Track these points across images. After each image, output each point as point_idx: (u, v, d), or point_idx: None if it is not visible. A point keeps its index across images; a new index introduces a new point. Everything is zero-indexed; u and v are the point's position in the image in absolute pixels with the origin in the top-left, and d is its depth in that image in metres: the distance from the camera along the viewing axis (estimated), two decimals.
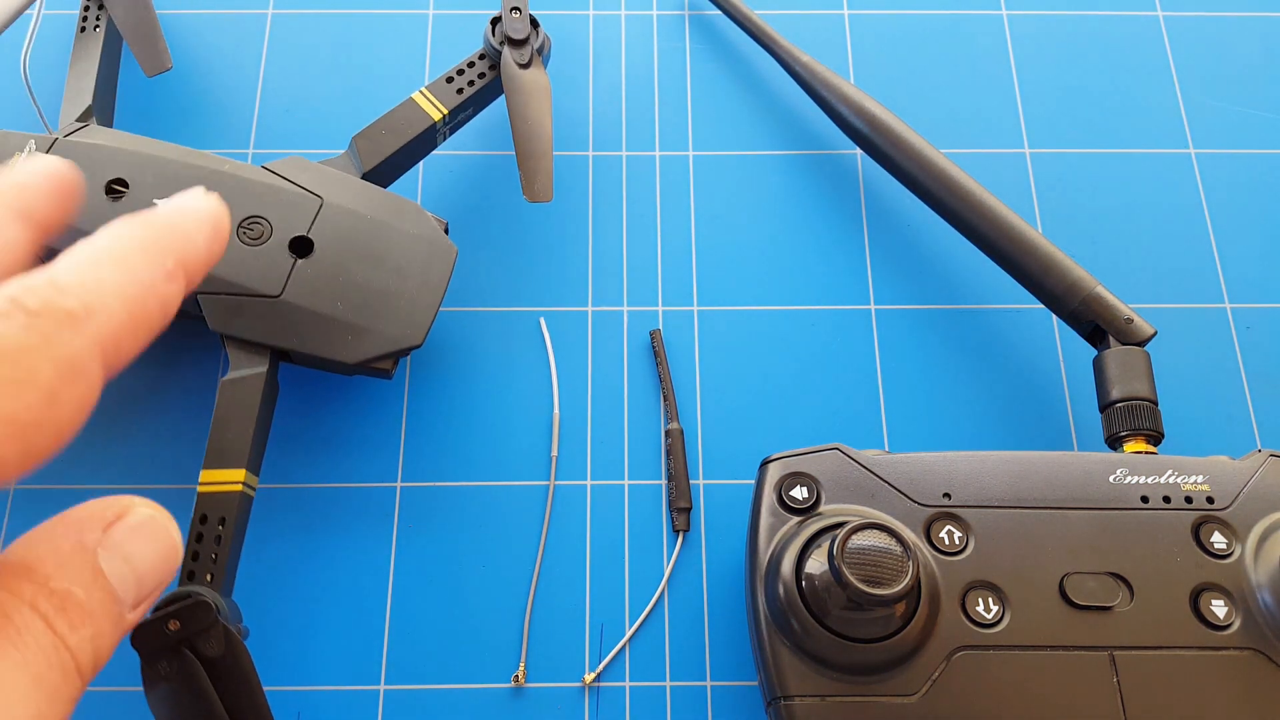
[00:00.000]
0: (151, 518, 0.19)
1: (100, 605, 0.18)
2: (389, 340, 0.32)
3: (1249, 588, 0.28)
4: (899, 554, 0.26)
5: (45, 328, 0.17)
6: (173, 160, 0.32)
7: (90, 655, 0.18)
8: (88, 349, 0.17)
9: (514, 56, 0.37)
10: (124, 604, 0.18)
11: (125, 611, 0.18)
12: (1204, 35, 0.44)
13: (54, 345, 0.17)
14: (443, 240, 0.33)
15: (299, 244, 0.32)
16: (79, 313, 0.17)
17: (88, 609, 0.18)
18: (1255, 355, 0.37)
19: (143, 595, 0.19)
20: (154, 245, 0.20)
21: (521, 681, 0.32)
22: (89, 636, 0.18)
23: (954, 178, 0.35)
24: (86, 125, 0.34)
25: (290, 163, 0.34)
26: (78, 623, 0.17)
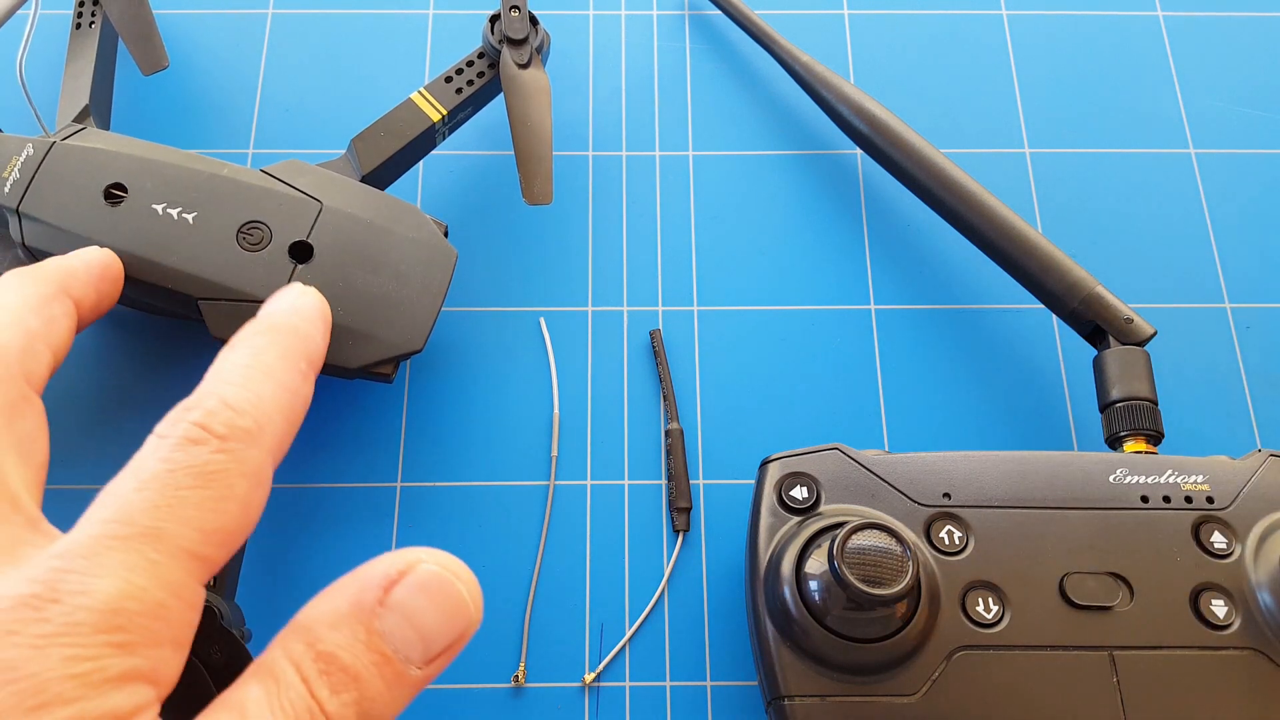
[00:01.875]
0: (437, 574, 0.19)
1: (370, 667, 0.18)
2: (389, 346, 0.31)
3: (1249, 588, 0.28)
4: (899, 554, 0.26)
5: (235, 449, 0.19)
6: (171, 164, 0.32)
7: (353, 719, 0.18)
8: (265, 460, 0.20)
9: (513, 56, 0.37)
10: (406, 664, 0.19)
11: (408, 671, 0.19)
12: (1204, 35, 0.44)
13: (244, 463, 0.19)
14: (442, 244, 0.33)
15: (299, 249, 0.32)
16: (254, 430, 0.20)
17: (353, 672, 0.18)
18: (1255, 355, 0.37)
19: (431, 654, 0.19)
20: (291, 353, 0.23)
21: (521, 681, 0.32)
22: (351, 700, 0.18)
23: (954, 178, 0.35)
24: (83, 127, 0.34)
25: (289, 166, 0.34)
26: (339, 686, 0.18)
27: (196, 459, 0.19)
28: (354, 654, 0.18)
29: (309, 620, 0.19)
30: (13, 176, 0.31)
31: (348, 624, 0.18)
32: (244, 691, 0.18)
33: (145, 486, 0.18)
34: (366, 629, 0.18)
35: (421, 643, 0.19)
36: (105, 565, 0.17)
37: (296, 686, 0.18)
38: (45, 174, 0.31)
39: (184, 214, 0.31)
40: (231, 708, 0.18)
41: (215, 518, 0.19)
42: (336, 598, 0.19)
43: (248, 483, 0.19)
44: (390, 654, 0.19)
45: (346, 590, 0.19)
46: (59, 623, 0.16)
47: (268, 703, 0.17)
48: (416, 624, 0.19)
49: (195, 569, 0.18)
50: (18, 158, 0.32)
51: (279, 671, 0.18)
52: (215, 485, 0.19)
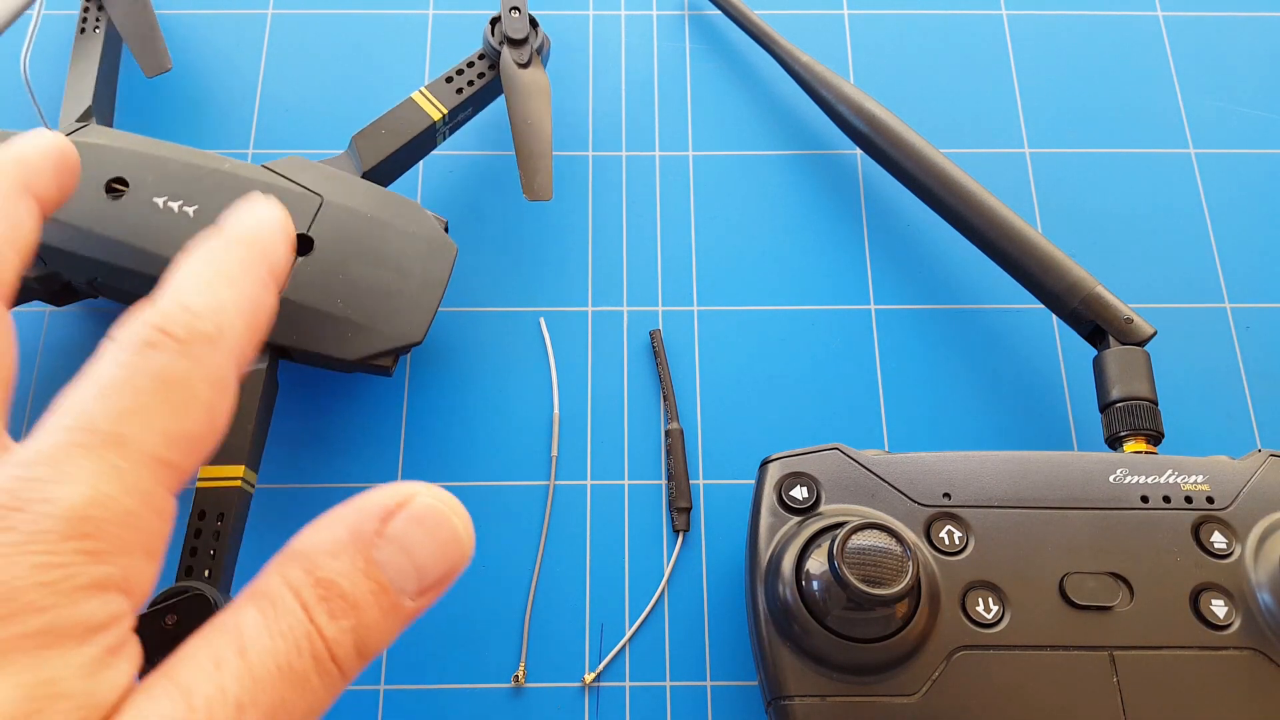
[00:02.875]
0: (433, 506, 0.19)
1: (368, 596, 0.18)
2: (389, 337, 0.32)
3: (1249, 588, 0.28)
4: (899, 554, 0.26)
5: (195, 352, 0.19)
6: (173, 159, 0.32)
7: (350, 646, 0.18)
8: (227, 364, 0.20)
9: (513, 56, 0.37)
10: (400, 594, 0.19)
11: (403, 601, 0.19)
12: (1204, 35, 0.44)
13: (205, 367, 0.19)
14: (442, 238, 0.33)
15: (299, 242, 0.32)
16: (215, 334, 0.19)
17: (352, 599, 0.18)
18: (1255, 355, 0.37)
19: (425, 585, 0.19)
20: (252, 262, 0.22)
21: (521, 681, 0.32)
22: (349, 628, 0.18)
23: (954, 178, 0.35)
24: (86, 125, 0.34)
25: (290, 162, 0.34)
26: (338, 613, 0.18)
27: (156, 363, 0.18)
28: (353, 581, 0.18)
29: (307, 547, 0.19)
30: None
31: (347, 552, 0.18)
32: (240, 615, 0.18)
33: (105, 393, 0.18)
34: (365, 558, 0.18)
35: (416, 573, 0.19)
36: (70, 473, 0.17)
37: (295, 611, 0.18)
38: None
39: (185, 207, 0.32)
40: (227, 631, 0.17)
41: (180, 423, 0.18)
42: (335, 526, 0.19)
43: (211, 387, 0.19)
44: (387, 583, 0.19)
45: (345, 519, 0.19)
46: (25, 530, 0.16)
47: (265, 626, 0.17)
48: (412, 555, 0.19)
49: (163, 475, 0.18)
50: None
51: (276, 596, 0.18)
52: (178, 390, 0.18)
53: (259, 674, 0.17)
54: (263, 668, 0.17)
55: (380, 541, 0.19)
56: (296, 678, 0.17)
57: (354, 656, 0.18)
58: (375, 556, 0.18)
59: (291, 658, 0.17)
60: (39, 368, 0.36)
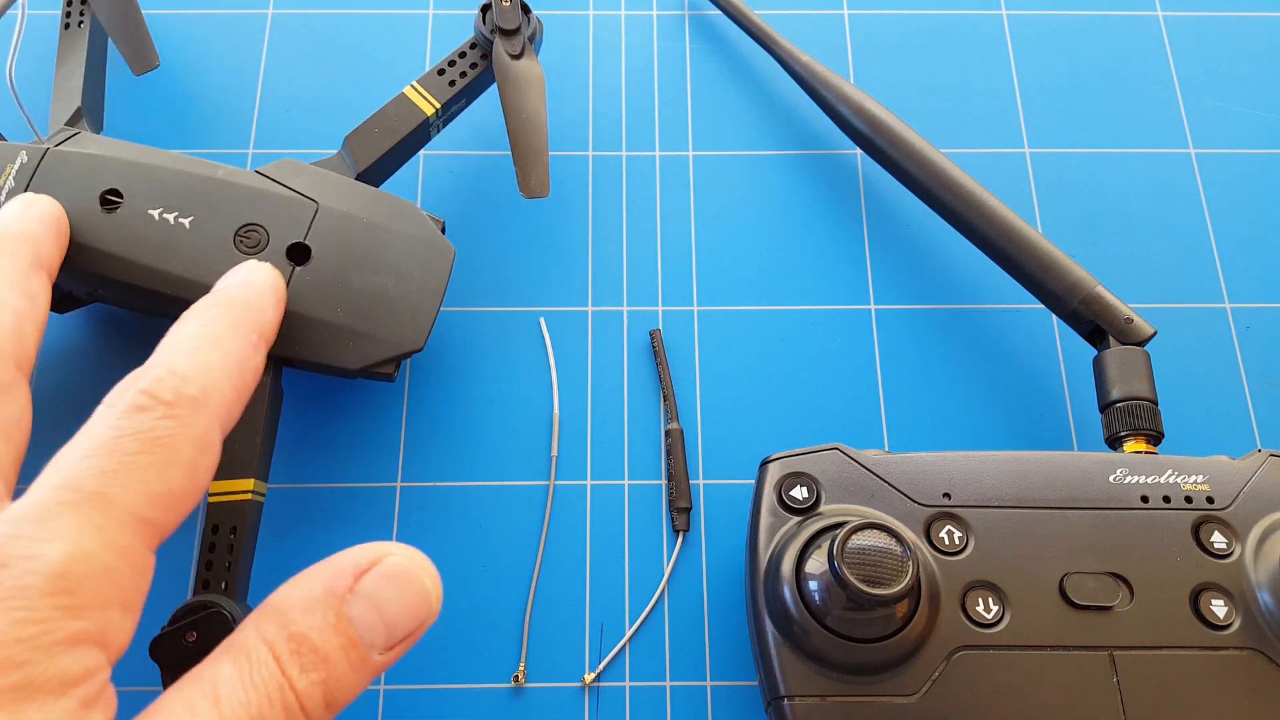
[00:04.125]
0: (404, 565, 0.20)
1: (338, 650, 0.19)
2: (390, 345, 0.31)
3: (1249, 588, 0.28)
4: (899, 554, 0.26)
5: (180, 414, 0.20)
6: (166, 168, 0.32)
7: (320, 699, 0.19)
8: (212, 426, 0.21)
9: (506, 47, 0.36)
10: (370, 649, 0.20)
11: (371, 656, 0.20)
12: (1204, 35, 0.44)
13: (190, 428, 0.20)
14: (440, 241, 0.33)
15: (296, 251, 0.32)
16: (201, 398, 0.20)
17: (323, 653, 0.19)
18: (1255, 355, 0.37)
19: (394, 640, 0.20)
20: (240, 324, 0.23)
21: (521, 681, 0.32)
22: (319, 680, 0.19)
23: (954, 178, 0.35)
24: (77, 132, 0.33)
25: (283, 166, 0.33)
26: (309, 666, 0.19)
27: (143, 425, 0.19)
28: (324, 636, 0.19)
29: (282, 603, 0.19)
30: (7, 185, 0.31)
31: (320, 608, 0.19)
32: (216, 668, 0.18)
33: (93, 453, 0.19)
34: (336, 613, 0.19)
35: (385, 629, 0.20)
36: (53, 530, 0.17)
37: (269, 664, 0.18)
38: (40, 182, 0.31)
39: (180, 219, 0.31)
40: (203, 683, 0.18)
41: (162, 482, 0.19)
42: (310, 583, 0.20)
43: (194, 448, 0.20)
44: (357, 638, 0.19)
45: (319, 577, 0.20)
46: (6, 586, 0.16)
47: (239, 679, 0.18)
48: (382, 611, 0.20)
49: (143, 533, 0.19)
50: (12, 166, 0.31)
51: (251, 650, 0.18)
52: (161, 450, 0.19)
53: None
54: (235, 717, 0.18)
55: (351, 598, 0.19)
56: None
57: (323, 708, 0.19)
58: (346, 612, 0.19)
59: (264, 709, 0.18)
60: (39, 368, 0.36)
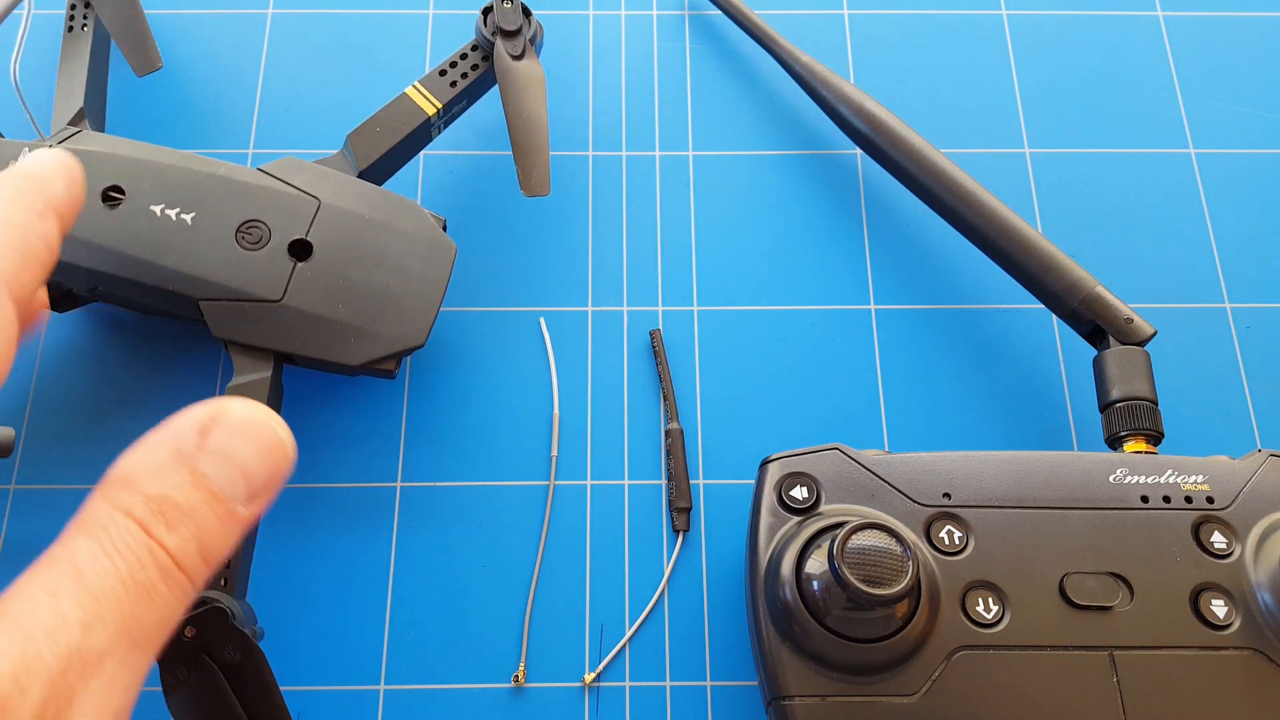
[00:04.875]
0: (248, 415, 0.19)
1: (202, 504, 0.18)
2: (391, 341, 0.32)
3: (1249, 588, 0.28)
4: (899, 554, 0.26)
5: None
6: (167, 165, 0.32)
7: (194, 553, 0.18)
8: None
9: (507, 48, 0.36)
10: (233, 500, 0.19)
11: (236, 507, 0.19)
12: (1204, 35, 0.44)
13: None
14: (441, 238, 0.33)
15: (298, 247, 0.32)
16: None
17: (186, 509, 0.18)
18: (1255, 355, 0.37)
19: (255, 489, 0.19)
20: (21, 192, 0.22)
21: (521, 681, 0.32)
22: (190, 536, 0.18)
23: (954, 178, 0.35)
24: (79, 130, 0.34)
25: (285, 164, 0.34)
26: (175, 523, 0.18)
27: None
28: (184, 494, 0.18)
29: (127, 473, 0.18)
30: None
31: (172, 470, 0.18)
32: (70, 546, 0.17)
33: None
34: (191, 472, 0.18)
35: (245, 480, 0.19)
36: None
37: (131, 529, 0.18)
38: None
39: (182, 215, 0.31)
40: (59, 562, 0.17)
41: None
42: (152, 450, 0.19)
43: None
44: (218, 491, 0.19)
45: (162, 442, 0.19)
46: None
47: (101, 548, 0.17)
48: (238, 463, 0.19)
49: None
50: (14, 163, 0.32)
51: (106, 520, 0.18)
52: None
53: (100, 593, 0.17)
54: (103, 585, 0.17)
55: (202, 455, 0.19)
56: (143, 590, 0.17)
57: (200, 563, 0.18)
58: (201, 469, 0.19)
59: (135, 571, 0.17)
60: (39, 368, 0.36)
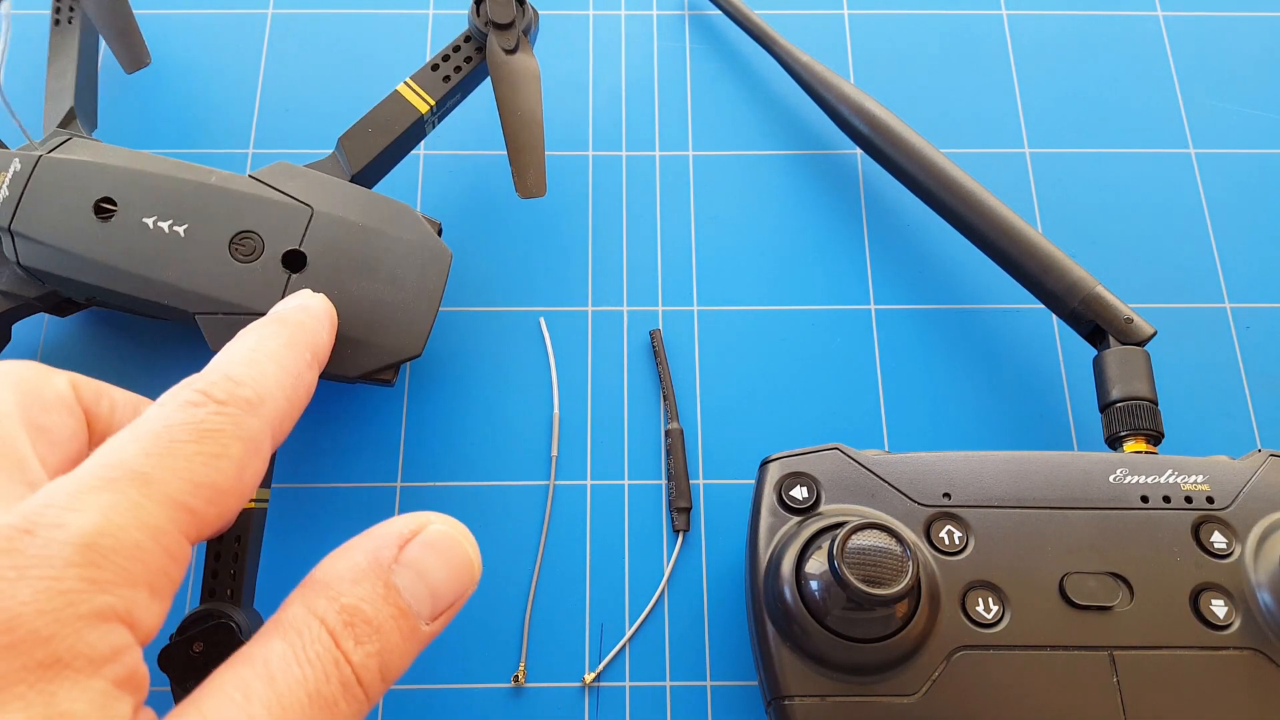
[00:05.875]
0: (446, 533, 0.20)
1: (390, 621, 0.19)
2: (387, 352, 0.31)
3: (1249, 588, 0.28)
4: (899, 554, 0.26)
5: (233, 413, 0.20)
6: (159, 174, 0.32)
7: (375, 670, 0.19)
8: (263, 430, 0.21)
9: (500, 42, 0.35)
10: (418, 618, 0.20)
11: (420, 625, 0.20)
12: (1204, 35, 0.44)
13: (240, 427, 0.20)
14: (437, 245, 0.33)
15: (292, 258, 0.31)
16: (254, 400, 0.21)
17: (375, 624, 0.19)
18: (1255, 355, 0.37)
19: (439, 609, 0.20)
20: (295, 342, 0.24)
21: (521, 681, 0.32)
22: (375, 652, 0.19)
23: (954, 178, 0.35)
24: (69, 137, 0.33)
25: (277, 169, 0.33)
26: (364, 638, 0.18)
27: (194, 417, 0.19)
28: (375, 607, 0.19)
29: (328, 577, 0.19)
30: (1, 194, 0.31)
31: (368, 579, 0.19)
32: (267, 646, 0.18)
33: (140, 438, 0.19)
34: (385, 584, 0.19)
35: (431, 598, 0.20)
36: (86, 502, 0.17)
37: (322, 638, 0.18)
38: (34, 190, 0.31)
39: (175, 227, 0.31)
40: (254, 662, 0.18)
41: (206, 472, 0.19)
42: (355, 554, 0.19)
43: (243, 446, 0.20)
44: (406, 607, 0.19)
45: (364, 548, 0.20)
46: (30, 554, 0.16)
47: (293, 655, 0.18)
48: (428, 580, 0.20)
49: (181, 519, 0.18)
50: (4, 174, 0.31)
51: (302, 625, 0.18)
52: (209, 442, 0.19)
53: (288, 702, 0.17)
54: (291, 695, 0.17)
55: (398, 568, 0.19)
56: (325, 704, 0.18)
57: (378, 680, 0.19)
58: (395, 582, 0.19)
59: (320, 684, 0.18)
60: None
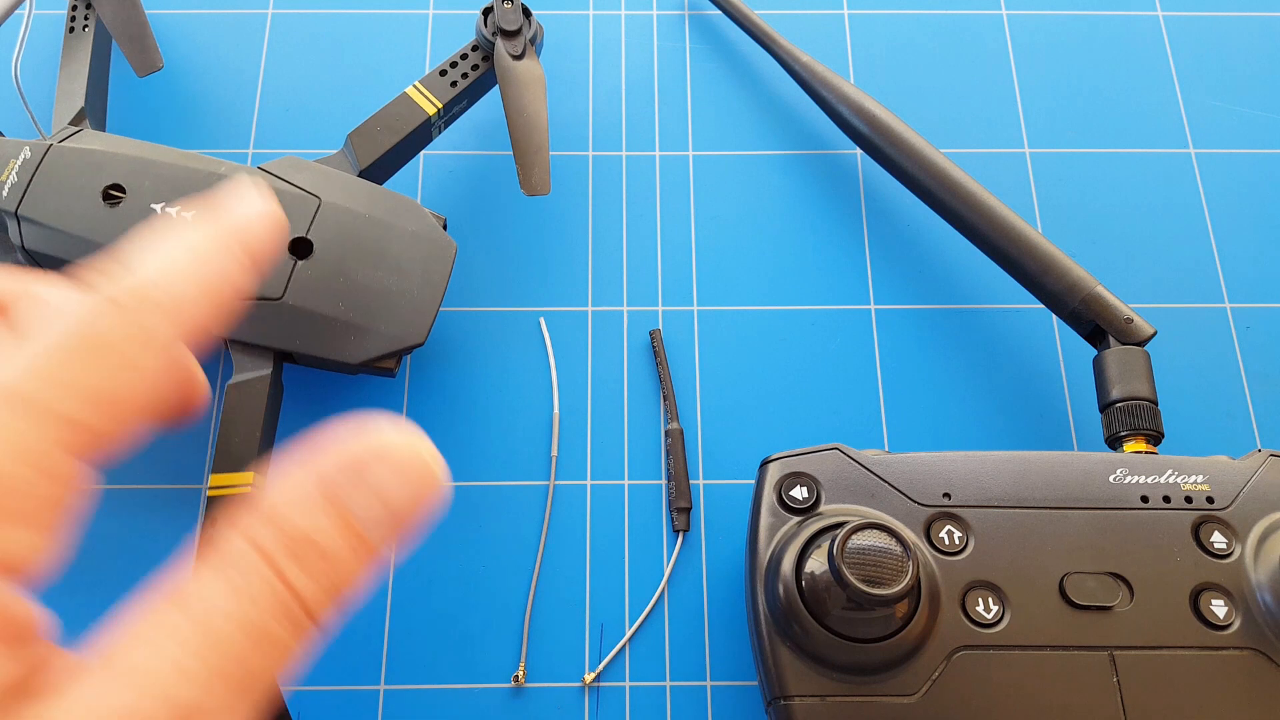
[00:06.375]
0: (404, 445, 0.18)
1: (345, 549, 0.17)
2: (391, 339, 0.32)
3: (1249, 588, 0.28)
4: (899, 554, 0.26)
5: (134, 317, 0.18)
6: (168, 164, 0.32)
7: (326, 600, 0.17)
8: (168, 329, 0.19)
9: (507, 48, 0.37)
10: (376, 541, 0.17)
11: (377, 549, 0.18)
12: (1204, 35, 0.44)
13: (147, 334, 0.18)
14: (442, 237, 0.33)
15: (298, 245, 0.32)
16: (160, 298, 0.18)
17: (329, 552, 0.17)
18: (1255, 355, 0.37)
19: (398, 531, 0.18)
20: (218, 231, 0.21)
21: (521, 681, 0.32)
22: (327, 583, 0.17)
23: (954, 178, 0.35)
24: (80, 129, 0.34)
25: (286, 163, 0.34)
26: (314, 570, 0.17)
27: (92, 325, 0.17)
28: (326, 535, 0.17)
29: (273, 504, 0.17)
30: (10, 180, 0.31)
31: (317, 505, 0.17)
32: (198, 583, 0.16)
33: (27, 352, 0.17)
34: (337, 509, 0.17)
35: (391, 518, 0.18)
36: None
37: (263, 571, 0.16)
38: (43, 177, 0.32)
39: (183, 213, 0.32)
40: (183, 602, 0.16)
41: (103, 385, 0.17)
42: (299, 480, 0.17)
43: (147, 351, 0.18)
44: (363, 533, 0.17)
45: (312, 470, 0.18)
46: None
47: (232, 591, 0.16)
48: (387, 500, 0.18)
49: (67, 437, 0.16)
50: (15, 161, 0.32)
51: (239, 557, 0.16)
52: (106, 351, 0.17)
53: (224, 642, 0.15)
54: (228, 634, 0.15)
55: (351, 490, 0.17)
56: (269, 640, 0.16)
57: (330, 610, 0.17)
58: (348, 505, 0.17)
59: (263, 619, 0.16)
60: None
